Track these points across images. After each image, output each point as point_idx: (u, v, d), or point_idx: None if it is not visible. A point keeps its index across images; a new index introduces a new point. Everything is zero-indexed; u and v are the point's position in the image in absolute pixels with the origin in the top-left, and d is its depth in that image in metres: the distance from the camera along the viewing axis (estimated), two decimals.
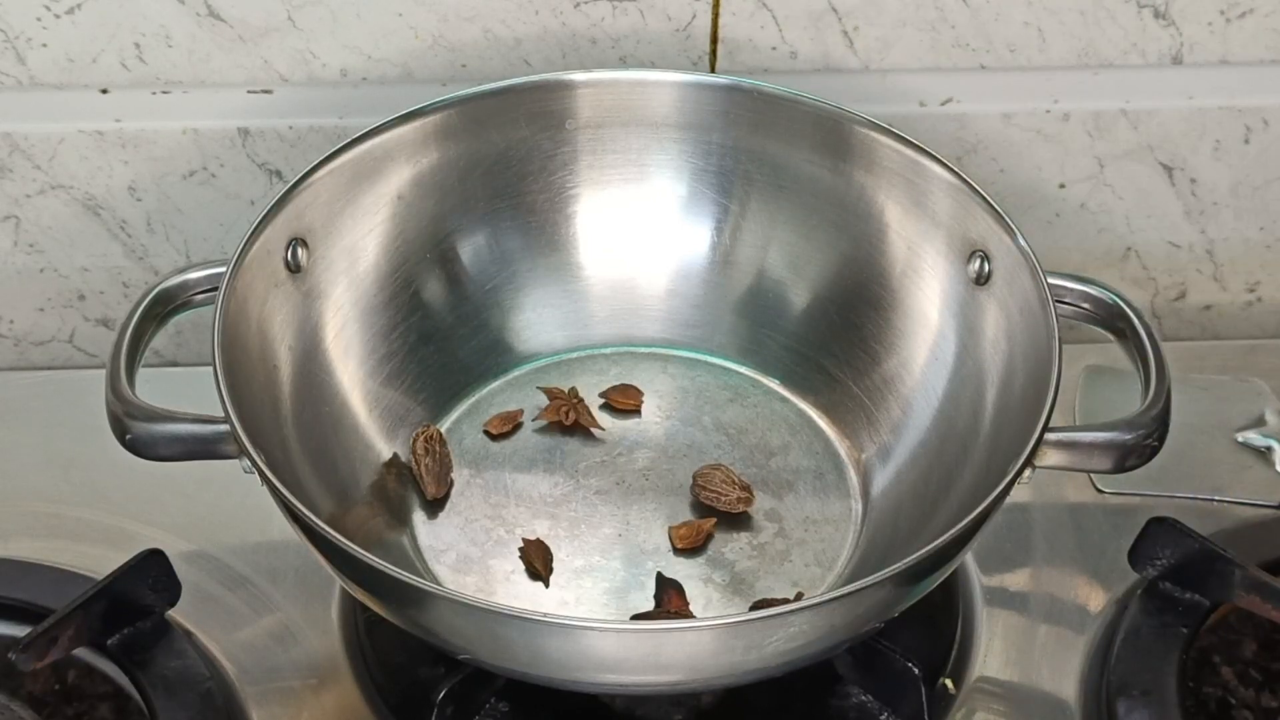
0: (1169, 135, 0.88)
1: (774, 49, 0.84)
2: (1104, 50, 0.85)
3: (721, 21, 0.83)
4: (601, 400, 0.82)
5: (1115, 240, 0.93)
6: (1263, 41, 0.86)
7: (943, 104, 0.87)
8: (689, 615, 0.72)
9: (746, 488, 0.76)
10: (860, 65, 0.85)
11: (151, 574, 0.72)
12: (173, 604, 0.73)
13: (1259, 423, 0.85)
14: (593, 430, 0.80)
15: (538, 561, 0.74)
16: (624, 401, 0.81)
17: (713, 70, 0.85)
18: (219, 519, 0.79)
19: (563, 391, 0.81)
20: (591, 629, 0.62)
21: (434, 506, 0.77)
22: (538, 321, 0.83)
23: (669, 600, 0.72)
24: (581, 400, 0.81)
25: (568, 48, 0.84)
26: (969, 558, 0.78)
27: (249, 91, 0.84)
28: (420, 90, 0.83)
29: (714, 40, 0.84)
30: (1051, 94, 0.87)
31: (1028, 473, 0.66)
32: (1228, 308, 0.96)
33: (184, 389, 0.71)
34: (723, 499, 0.76)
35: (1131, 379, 0.70)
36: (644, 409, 0.81)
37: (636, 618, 0.72)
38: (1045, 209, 0.91)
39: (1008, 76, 0.86)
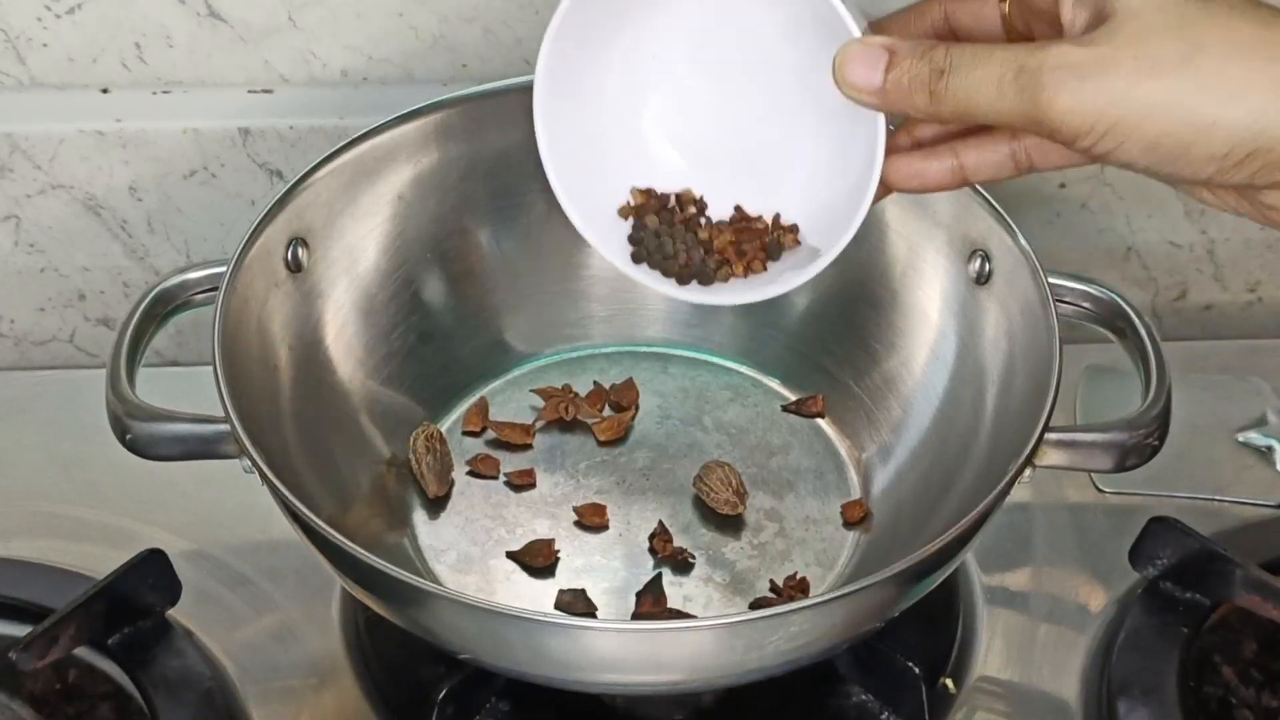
0: None
1: None
2: None
3: None
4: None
5: (1115, 240, 0.93)
6: None
7: None
8: (679, 614, 0.72)
9: (741, 495, 0.76)
10: None
11: (152, 574, 0.72)
12: (173, 604, 0.73)
13: (1259, 423, 0.85)
14: (592, 426, 0.80)
15: (538, 560, 0.74)
16: (624, 401, 0.81)
17: None
18: (219, 519, 0.79)
19: (557, 389, 0.81)
20: (591, 629, 0.62)
21: (434, 506, 0.77)
22: (538, 321, 0.83)
23: (646, 604, 0.72)
24: (578, 394, 0.81)
25: None
26: (969, 558, 0.78)
27: (249, 91, 0.84)
28: (420, 90, 0.83)
29: None
30: None
31: (1028, 472, 0.66)
32: (1228, 308, 0.96)
33: (184, 389, 0.71)
34: (713, 495, 0.76)
35: (1131, 379, 0.70)
36: (644, 409, 0.81)
37: (637, 617, 0.72)
38: (1045, 209, 0.91)
39: None
